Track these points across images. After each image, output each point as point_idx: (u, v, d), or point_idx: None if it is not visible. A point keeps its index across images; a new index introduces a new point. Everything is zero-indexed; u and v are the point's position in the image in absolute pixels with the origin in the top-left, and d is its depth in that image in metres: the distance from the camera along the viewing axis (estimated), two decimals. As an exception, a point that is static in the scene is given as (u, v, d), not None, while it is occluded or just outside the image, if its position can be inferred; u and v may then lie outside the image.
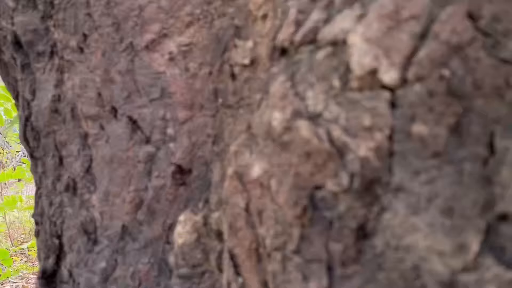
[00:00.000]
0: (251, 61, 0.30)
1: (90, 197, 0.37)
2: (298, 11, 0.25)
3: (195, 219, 0.32)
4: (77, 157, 0.37)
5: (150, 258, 0.35)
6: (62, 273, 0.39)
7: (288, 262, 0.24)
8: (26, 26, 0.37)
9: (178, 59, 0.35)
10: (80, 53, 0.36)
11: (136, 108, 0.35)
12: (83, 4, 0.36)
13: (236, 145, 0.28)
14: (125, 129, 0.36)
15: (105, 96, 0.36)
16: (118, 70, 0.36)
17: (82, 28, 0.36)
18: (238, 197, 0.27)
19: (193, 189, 0.35)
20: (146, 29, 0.35)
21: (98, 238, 0.37)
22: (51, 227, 0.40)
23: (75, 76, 0.36)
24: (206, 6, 0.33)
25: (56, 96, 0.37)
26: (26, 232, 3.34)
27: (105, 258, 0.36)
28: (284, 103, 0.24)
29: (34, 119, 0.39)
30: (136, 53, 0.35)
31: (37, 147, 0.40)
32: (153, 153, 0.35)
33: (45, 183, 0.41)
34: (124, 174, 0.36)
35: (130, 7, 0.35)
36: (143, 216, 0.35)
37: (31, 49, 0.38)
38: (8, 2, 0.37)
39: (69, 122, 0.37)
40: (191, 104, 0.35)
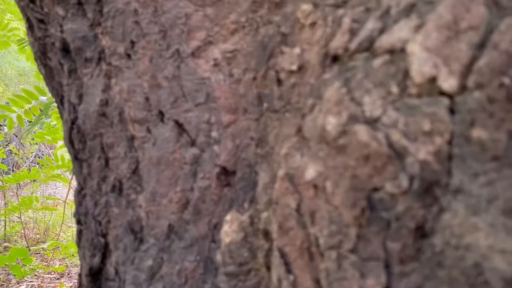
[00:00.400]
0: (298, 67, 0.31)
1: (136, 197, 0.38)
2: (352, 20, 0.26)
3: (242, 218, 0.34)
4: (124, 159, 0.39)
5: (196, 256, 0.36)
6: (108, 271, 0.40)
7: (343, 260, 0.25)
8: (76, 33, 0.39)
9: (222, 65, 0.36)
10: (128, 59, 0.38)
11: (182, 112, 0.37)
12: (131, 13, 0.37)
13: (286, 148, 0.29)
14: (171, 132, 0.37)
15: (152, 101, 0.37)
16: (165, 76, 0.37)
17: (130, 35, 0.37)
18: (289, 198, 0.29)
19: (237, 190, 0.36)
20: (192, 36, 0.36)
21: (145, 237, 0.38)
22: (96, 226, 0.41)
23: (123, 81, 0.38)
24: (251, 14, 0.35)
25: (104, 101, 0.39)
26: (40, 232, 3.38)
27: (151, 256, 0.37)
28: (340, 108, 0.25)
29: (81, 122, 0.40)
30: (182, 59, 0.37)
31: (82, 149, 0.42)
32: (198, 155, 0.37)
33: (89, 184, 0.42)
34: (170, 175, 0.37)
35: (177, 15, 0.36)
36: (189, 215, 0.36)
37: (79, 55, 0.40)
38: (58, 10, 0.39)
39: (117, 125, 0.39)
40: (235, 108, 0.36)
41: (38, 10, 0.40)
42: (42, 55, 0.44)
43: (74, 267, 2.99)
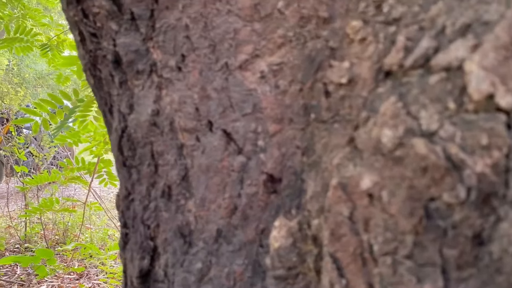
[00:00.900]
0: (348, 80, 0.32)
1: (186, 202, 0.40)
2: (406, 38, 0.27)
3: (290, 224, 0.35)
4: (174, 166, 0.41)
5: (244, 260, 0.38)
6: (157, 273, 0.42)
7: (399, 265, 0.26)
8: (128, 47, 0.41)
9: (268, 77, 0.38)
10: (179, 72, 0.40)
11: (230, 122, 0.39)
12: (182, 28, 0.39)
13: (338, 158, 0.31)
14: (220, 141, 0.39)
15: (202, 111, 0.39)
16: (214, 87, 0.39)
17: (181, 49, 0.39)
18: (342, 206, 0.30)
19: (283, 196, 0.37)
20: (240, 50, 0.38)
21: (193, 241, 0.40)
22: (145, 230, 0.43)
23: (174, 93, 0.40)
24: (299, 29, 0.36)
25: (155, 111, 0.41)
26: (60, 233, 3.44)
27: (200, 259, 0.39)
28: (396, 121, 0.26)
29: (132, 131, 0.42)
30: (230, 72, 0.39)
31: (132, 156, 0.44)
32: (245, 163, 0.38)
33: (138, 189, 0.44)
34: (219, 182, 0.39)
35: (226, 30, 0.38)
36: (237, 221, 0.38)
37: (131, 67, 0.42)
38: (112, 25, 0.41)
39: (167, 134, 0.41)
40: (280, 118, 0.38)
41: (91, 24, 0.43)
42: (92, 66, 0.46)
43: (92, 268, 3.04)
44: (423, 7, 0.28)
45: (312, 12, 0.36)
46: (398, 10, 0.29)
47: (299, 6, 0.36)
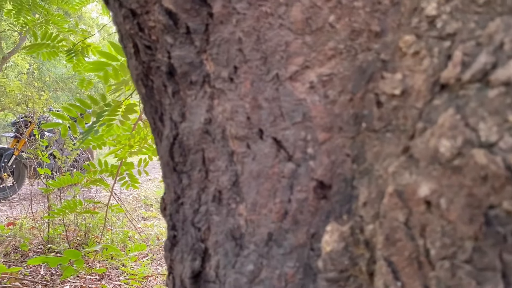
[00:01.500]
0: (401, 91, 0.34)
1: (237, 206, 0.42)
2: (463, 53, 0.29)
3: (342, 229, 0.37)
4: (225, 172, 0.43)
5: (296, 262, 0.39)
6: (208, 274, 0.44)
7: (458, 269, 0.28)
8: (183, 59, 0.43)
9: (318, 87, 0.40)
10: (231, 83, 0.42)
11: (280, 130, 0.41)
12: (235, 41, 0.41)
13: (394, 167, 0.32)
14: (270, 148, 0.41)
15: (253, 120, 0.41)
16: (265, 97, 0.41)
17: (234, 61, 0.41)
18: (398, 212, 0.32)
19: (333, 202, 0.39)
20: (291, 62, 0.40)
21: (245, 243, 0.42)
22: (196, 233, 0.45)
23: (226, 102, 0.42)
24: (350, 42, 0.38)
25: (208, 119, 0.43)
26: (81, 234, 3.50)
27: (252, 261, 0.41)
28: (454, 132, 0.28)
29: (185, 138, 0.45)
30: (281, 82, 0.40)
31: (183, 162, 0.46)
32: (295, 169, 0.40)
33: (189, 193, 0.46)
34: (270, 187, 0.41)
35: (278, 43, 0.40)
36: (288, 225, 0.40)
37: (185, 78, 0.44)
38: (167, 39, 0.43)
39: (219, 142, 0.43)
40: (330, 127, 0.40)
41: (146, 37, 0.45)
42: (145, 77, 0.48)
43: (113, 269, 3.09)
44: (479, 24, 0.29)
45: (363, 26, 0.37)
46: (453, 26, 0.31)
47: (350, 20, 0.38)
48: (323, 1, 0.38)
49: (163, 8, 0.42)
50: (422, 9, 0.33)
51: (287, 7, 0.39)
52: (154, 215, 4.64)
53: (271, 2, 0.40)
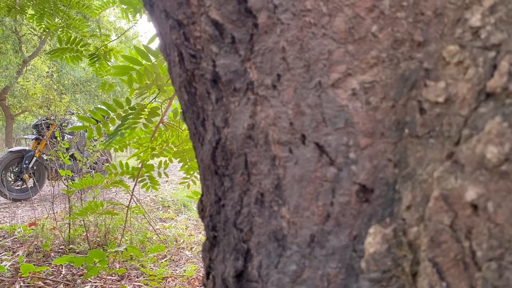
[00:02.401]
0: (445, 99, 0.35)
1: (279, 209, 0.44)
2: (510, 64, 0.30)
3: (385, 232, 0.38)
4: (267, 176, 0.45)
5: (338, 263, 0.41)
6: (250, 273, 0.46)
7: (506, 270, 0.29)
8: (228, 67, 0.45)
9: (359, 94, 0.41)
10: (274, 90, 0.44)
11: (322, 135, 0.42)
12: (279, 50, 0.43)
13: (439, 172, 0.34)
14: (313, 153, 0.42)
15: (296, 126, 0.43)
16: (308, 104, 0.42)
17: (277, 69, 0.43)
18: (443, 215, 0.33)
19: (375, 205, 0.41)
20: (333, 70, 0.42)
21: (287, 245, 0.43)
22: (238, 234, 0.47)
23: (269, 108, 0.44)
24: (392, 51, 0.40)
25: (251, 125, 0.45)
26: (101, 235, 3.56)
27: (295, 261, 0.43)
28: (502, 139, 0.29)
29: (228, 143, 0.47)
30: (323, 89, 0.42)
31: (225, 166, 0.48)
32: (337, 173, 0.42)
33: (230, 196, 0.48)
34: (312, 191, 0.42)
35: (321, 52, 0.42)
36: (330, 227, 0.42)
37: (228, 85, 0.46)
38: (213, 48, 0.45)
39: (261, 146, 0.45)
40: (371, 132, 0.41)
41: (191, 47, 0.47)
42: (188, 84, 0.50)
43: (133, 270, 3.13)
44: (525, 35, 0.30)
45: (406, 36, 0.39)
46: (497, 37, 0.32)
47: (392, 30, 0.39)
48: (366, 11, 0.40)
49: (210, 19, 0.44)
50: (465, 20, 0.35)
51: (330, 17, 0.41)
52: (172, 216, 4.69)
53: (314, 13, 0.42)
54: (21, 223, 4.02)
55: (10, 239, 3.57)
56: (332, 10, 0.41)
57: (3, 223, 4.20)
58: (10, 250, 3.35)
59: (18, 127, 13.69)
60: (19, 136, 12.82)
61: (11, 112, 11.56)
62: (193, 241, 3.90)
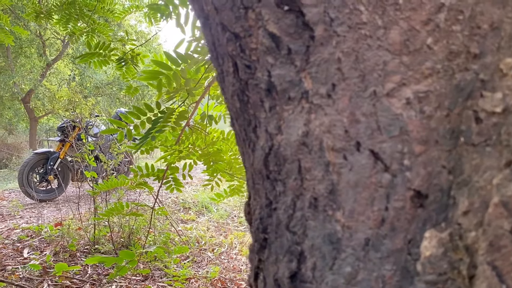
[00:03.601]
0: (503, 109, 0.37)
1: (333, 213, 0.46)
2: None
3: (441, 236, 0.40)
4: (321, 181, 0.47)
5: (393, 266, 0.43)
6: (304, 274, 0.48)
7: None
8: (283, 78, 0.47)
9: (414, 103, 0.43)
10: (328, 99, 0.46)
11: (377, 143, 0.44)
12: (334, 61, 0.45)
13: (498, 179, 0.35)
14: (368, 160, 0.44)
15: (351, 133, 0.45)
16: (363, 112, 0.44)
17: (332, 79, 0.45)
18: (503, 221, 0.35)
19: (430, 211, 0.42)
20: (388, 80, 0.44)
21: (342, 247, 0.45)
22: (291, 236, 0.49)
23: (323, 116, 0.46)
24: (447, 62, 0.41)
25: (305, 132, 0.47)
26: (125, 236, 3.63)
27: (349, 264, 0.45)
28: None
29: (282, 149, 0.49)
30: (378, 98, 0.44)
31: (277, 171, 0.50)
32: (391, 180, 0.44)
33: (283, 200, 0.50)
34: (367, 196, 0.44)
35: (376, 63, 0.44)
36: (385, 231, 0.43)
37: (283, 94, 0.48)
38: (268, 59, 0.48)
39: (315, 153, 0.47)
40: (426, 140, 0.43)
41: (247, 58, 0.50)
42: (241, 92, 0.53)
43: (156, 270, 3.18)
44: None
45: (461, 48, 0.40)
46: (558, 50, 0.33)
47: (448, 42, 0.41)
48: (421, 24, 0.42)
49: (267, 32, 0.47)
50: (523, 33, 0.36)
51: (386, 30, 0.43)
52: (193, 218, 4.74)
53: (370, 26, 0.43)
54: (47, 223, 4.12)
55: (37, 239, 3.66)
56: (388, 23, 0.43)
57: (30, 223, 4.32)
58: (38, 250, 3.43)
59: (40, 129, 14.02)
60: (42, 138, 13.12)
61: (35, 115, 11.86)
62: (215, 242, 3.93)
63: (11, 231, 4.01)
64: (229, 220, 4.89)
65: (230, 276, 3.12)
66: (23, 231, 3.94)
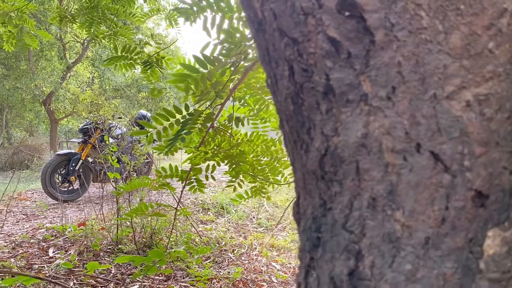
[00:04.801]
0: None
1: (393, 213, 0.47)
2: None
3: (505, 235, 0.41)
4: (380, 182, 0.48)
5: (454, 264, 0.44)
6: (362, 272, 0.49)
7: None
8: (342, 81, 0.49)
9: (473, 105, 0.44)
10: (388, 101, 0.47)
11: (437, 144, 0.45)
12: (395, 65, 0.46)
13: None
14: (428, 161, 0.45)
15: (412, 135, 0.46)
16: (423, 114, 0.46)
17: (392, 82, 0.47)
18: None
19: (491, 210, 0.43)
20: (448, 83, 0.45)
21: (401, 246, 0.47)
22: (348, 235, 0.51)
23: (383, 119, 0.47)
24: (509, 66, 0.42)
25: (364, 134, 0.48)
26: (146, 236, 3.67)
27: (409, 262, 0.46)
28: None
29: (339, 150, 0.50)
30: (438, 101, 0.45)
31: (333, 172, 0.52)
32: (451, 180, 0.45)
33: (339, 200, 0.52)
34: (427, 196, 0.45)
35: (436, 66, 0.45)
36: (446, 230, 0.44)
37: (341, 97, 0.50)
38: (327, 63, 0.49)
39: (374, 154, 0.48)
40: (486, 142, 0.44)
41: (304, 62, 0.51)
42: (296, 95, 0.55)
43: (178, 270, 3.21)
44: None
45: (525, 51, 0.41)
46: None
47: (510, 46, 0.42)
48: (483, 29, 0.43)
49: (327, 37, 0.48)
50: None
51: (446, 35, 0.44)
52: (212, 219, 4.77)
53: (430, 30, 0.45)
54: (71, 223, 4.20)
55: (61, 239, 3.73)
56: (448, 28, 0.44)
57: (53, 223, 4.41)
58: (62, 249, 3.50)
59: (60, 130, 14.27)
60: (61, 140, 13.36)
61: (55, 117, 12.09)
62: (235, 243, 3.96)
63: (36, 230, 4.10)
64: (248, 221, 4.91)
65: (251, 277, 3.14)
66: (48, 231, 4.02)
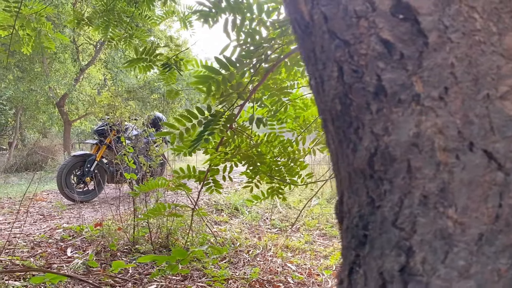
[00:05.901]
0: None
1: (445, 210, 0.48)
2: None
3: (562, 231, 0.42)
4: (432, 180, 0.49)
5: (508, 260, 0.45)
6: (413, 268, 0.50)
7: None
8: (395, 81, 0.50)
9: (527, 105, 0.45)
10: (440, 101, 0.48)
11: (490, 143, 0.46)
12: (447, 66, 0.48)
13: None
14: (481, 159, 0.47)
15: (464, 134, 0.47)
16: (476, 114, 0.47)
17: (445, 82, 0.48)
18: None
19: (546, 207, 0.44)
20: (501, 83, 0.46)
21: (454, 242, 0.48)
22: (399, 232, 0.52)
23: (435, 118, 0.48)
24: None
25: (416, 133, 0.50)
26: (163, 236, 3.70)
27: (462, 257, 0.47)
28: None
29: (390, 149, 0.52)
30: (491, 101, 0.46)
31: (383, 171, 0.53)
32: (505, 178, 0.46)
33: (389, 197, 0.53)
34: (481, 194, 0.47)
35: (489, 67, 0.46)
36: (500, 227, 0.46)
37: (392, 97, 0.51)
38: (379, 64, 0.51)
39: (426, 153, 0.49)
40: (539, 141, 0.45)
41: (354, 63, 0.53)
42: (344, 95, 0.56)
43: (194, 271, 3.23)
44: None
45: None
46: None
47: None
48: (538, 30, 0.44)
49: (380, 39, 0.50)
50: None
51: (500, 36, 0.45)
52: (225, 220, 4.79)
53: (484, 32, 0.46)
54: (88, 223, 4.24)
55: (79, 239, 3.78)
56: (502, 30, 0.45)
57: (70, 223, 4.46)
58: (80, 249, 3.55)
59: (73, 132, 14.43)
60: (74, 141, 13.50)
61: (68, 118, 12.24)
62: (249, 244, 3.97)
63: (53, 230, 4.15)
64: (261, 222, 4.92)
65: (267, 278, 3.15)
66: (65, 231, 4.07)
